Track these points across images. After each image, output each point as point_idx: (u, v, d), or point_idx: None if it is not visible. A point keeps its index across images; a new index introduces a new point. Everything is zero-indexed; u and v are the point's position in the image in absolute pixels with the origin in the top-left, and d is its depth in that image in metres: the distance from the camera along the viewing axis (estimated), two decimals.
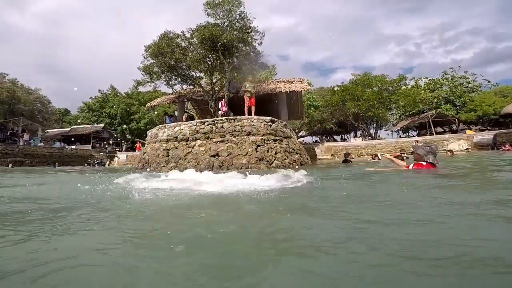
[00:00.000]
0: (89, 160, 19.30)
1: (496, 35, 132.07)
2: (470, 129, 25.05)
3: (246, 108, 11.06)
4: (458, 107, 29.61)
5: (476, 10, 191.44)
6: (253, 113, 10.85)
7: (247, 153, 8.80)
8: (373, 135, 28.34)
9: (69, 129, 32.48)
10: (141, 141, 24.31)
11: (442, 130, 29.90)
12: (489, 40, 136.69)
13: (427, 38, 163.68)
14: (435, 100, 30.25)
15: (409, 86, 30.34)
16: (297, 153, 10.55)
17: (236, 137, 9.27)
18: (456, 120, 27.61)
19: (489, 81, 32.81)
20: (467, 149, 17.74)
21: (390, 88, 25.76)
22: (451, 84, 31.08)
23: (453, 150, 14.13)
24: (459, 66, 32.78)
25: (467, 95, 29.88)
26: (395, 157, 5.97)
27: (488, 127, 26.44)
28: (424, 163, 4.18)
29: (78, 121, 38.55)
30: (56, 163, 17.67)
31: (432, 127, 25.59)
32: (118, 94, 34.12)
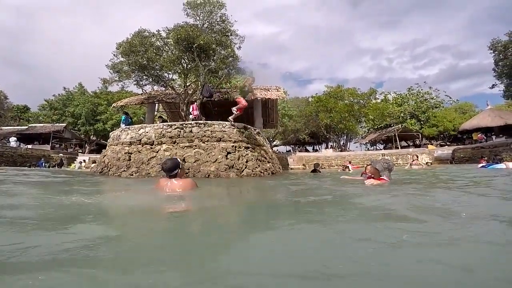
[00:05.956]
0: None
1: (460, 52, 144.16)
2: (432, 144, 26.72)
3: (236, 108, 9.11)
4: (422, 122, 31.45)
5: (448, 25, 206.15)
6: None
7: (216, 160, 8.42)
8: (343, 147, 29.20)
9: (26, 127, 29.88)
10: None
11: (407, 144, 31.62)
12: (454, 57, 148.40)
13: (399, 54, 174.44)
14: (402, 115, 31.93)
15: (379, 100, 31.84)
16: (269, 162, 10.35)
17: (206, 142, 8.87)
18: (419, 134, 29.37)
19: (450, 97, 34.69)
20: (427, 163, 18.73)
21: (361, 101, 26.81)
22: (417, 100, 32.91)
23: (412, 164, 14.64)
24: (425, 82, 34.76)
25: (430, 110, 31.85)
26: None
27: (447, 143, 28.43)
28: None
29: (40, 118, 35.60)
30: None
31: (398, 141, 26.92)
32: (85, 93, 31.94)
